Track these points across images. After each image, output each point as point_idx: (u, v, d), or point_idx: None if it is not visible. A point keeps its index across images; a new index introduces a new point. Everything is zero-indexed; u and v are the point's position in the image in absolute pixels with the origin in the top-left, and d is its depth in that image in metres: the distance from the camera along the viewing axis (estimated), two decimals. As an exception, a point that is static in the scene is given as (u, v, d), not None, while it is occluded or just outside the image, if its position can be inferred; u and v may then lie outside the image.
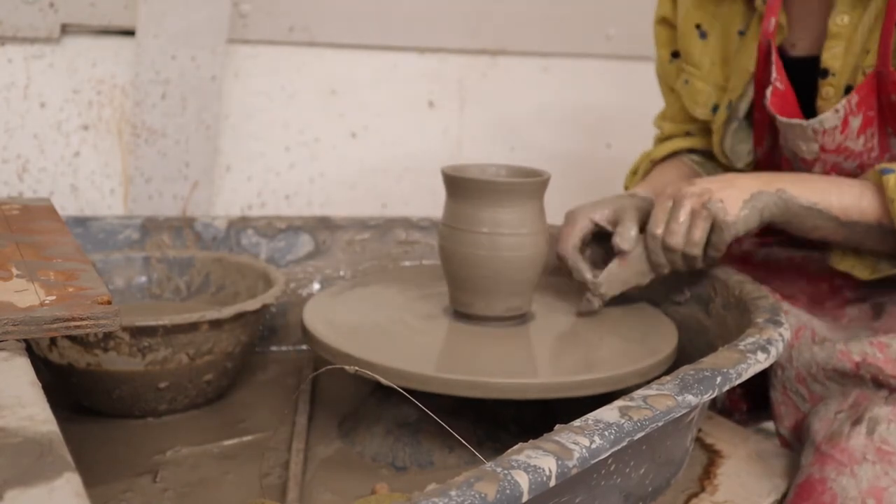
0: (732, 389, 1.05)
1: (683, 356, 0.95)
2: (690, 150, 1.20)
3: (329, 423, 0.96)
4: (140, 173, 1.36)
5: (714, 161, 1.19)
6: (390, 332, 0.93)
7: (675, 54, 1.16)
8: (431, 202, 1.60)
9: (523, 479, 0.51)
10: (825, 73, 0.97)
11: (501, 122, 1.71)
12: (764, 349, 0.75)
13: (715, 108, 1.10)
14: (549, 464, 0.53)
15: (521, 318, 0.98)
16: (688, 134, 1.20)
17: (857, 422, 0.84)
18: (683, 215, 0.93)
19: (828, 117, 0.93)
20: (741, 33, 1.06)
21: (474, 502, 0.49)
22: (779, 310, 0.86)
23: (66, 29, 1.28)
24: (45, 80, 1.29)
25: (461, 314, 0.97)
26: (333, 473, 0.85)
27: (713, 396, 0.70)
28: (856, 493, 0.80)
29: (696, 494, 0.83)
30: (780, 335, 0.79)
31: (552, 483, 0.53)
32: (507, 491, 0.50)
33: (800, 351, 0.95)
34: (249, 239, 1.19)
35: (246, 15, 1.39)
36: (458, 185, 0.93)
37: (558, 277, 1.12)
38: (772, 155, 1.07)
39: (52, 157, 1.32)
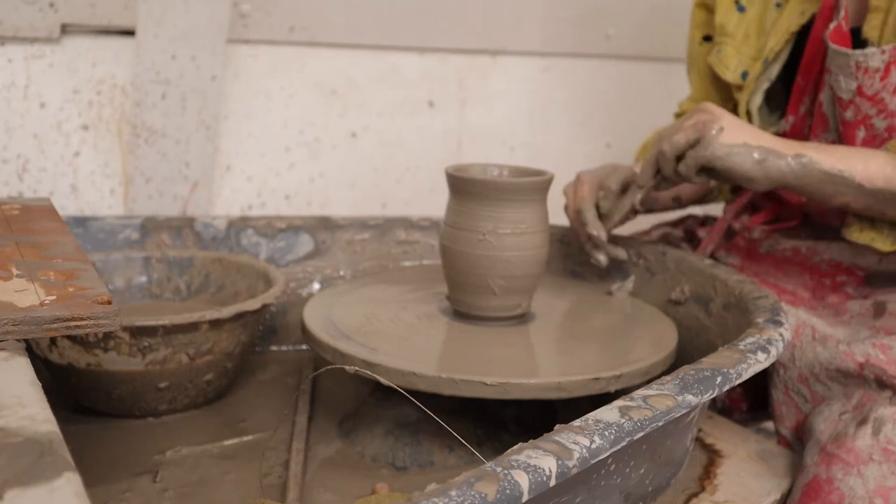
0: (732, 389, 1.05)
1: (683, 356, 0.95)
2: None
3: (329, 423, 0.96)
4: (140, 173, 1.36)
5: None
6: (390, 332, 0.93)
7: (707, 38, 1.17)
8: (431, 202, 1.60)
9: (523, 479, 0.51)
10: (864, 43, 0.97)
11: (501, 122, 1.71)
12: (764, 349, 0.75)
13: (744, 75, 1.10)
14: (549, 464, 0.53)
15: (522, 318, 0.98)
16: None
17: (862, 422, 0.84)
18: (688, 122, 0.94)
19: (873, 53, 0.92)
20: (778, 5, 1.07)
21: (474, 502, 0.49)
22: (779, 310, 0.86)
23: (66, 29, 1.28)
24: (45, 80, 1.29)
25: (461, 314, 0.97)
26: (333, 473, 0.85)
27: (713, 396, 0.70)
28: (863, 493, 0.80)
29: (696, 494, 0.83)
30: (781, 335, 0.79)
31: (552, 483, 0.53)
32: (508, 491, 0.50)
33: (802, 350, 0.95)
34: (249, 239, 1.19)
35: (246, 15, 1.39)
36: (461, 185, 0.93)
37: (558, 277, 1.12)
38: (803, 125, 1.06)
39: (52, 157, 1.32)
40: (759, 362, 0.74)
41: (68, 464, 0.46)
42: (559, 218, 1.14)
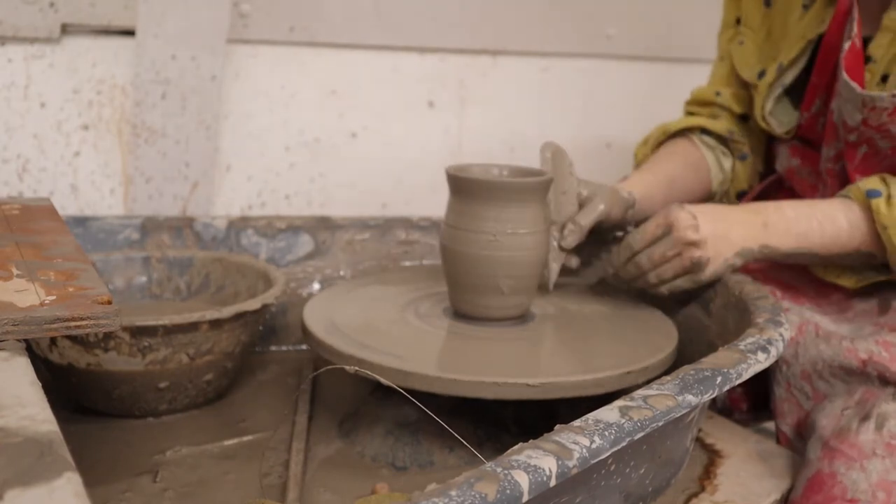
0: (732, 389, 1.05)
1: (683, 356, 0.95)
2: (704, 131, 1.19)
3: (329, 423, 0.96)
4: (140, 173, 1.36)
5: (724, 146, 1.19)
6: (390, 332, 0.93)
7: (739, 20, 1.17)
8: (431, 202, 1.59)
9: (523, 479, 0.51)
10: (868, 59, 0.98)
11: (501, 122, 1.71)
12: (764, 349, 0.75)
13: (761, 74, 1.10)
14: (549, 464, 0.53)
15: (522, 318, 0.98)
16: (716, 97, 1.19)
17: (865, 418, 0.85)
18: (670, 252, 0.96)
19: (883, 97, 0.93)
20: (805, 7, 1.06)
21: (475, 502, 0.49)
22: (779, 310, 0.86)
23: (66, 29, 1.28)
24: (45, 80, 1.29)
25: (461, 314, 0.97)
26: (333, 473, 0.85)
27: (713, 396, 0.70)
28: (866, 487, 0.80)
29: (696, 494, 0.83)
30: (781, 335, 0.79)
31: (552, 483, 0.53)
32: (508, 491, 0.50)
33: (805, 347, 0.95)
34: (249, 239, 1.18)
35: (246, 15, 1.39)
36: (462, 185, 0.93)
37: (559, 277, 1.12)
38: (816, 122, 1.06)
39: (52, 157, 1.32)
40: (760, 362, 0.74)
41: (68, 464, 0.46)
42: (559, 218, 1.14)
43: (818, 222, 0.95)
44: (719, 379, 0.70)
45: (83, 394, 0.94)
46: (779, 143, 1.15)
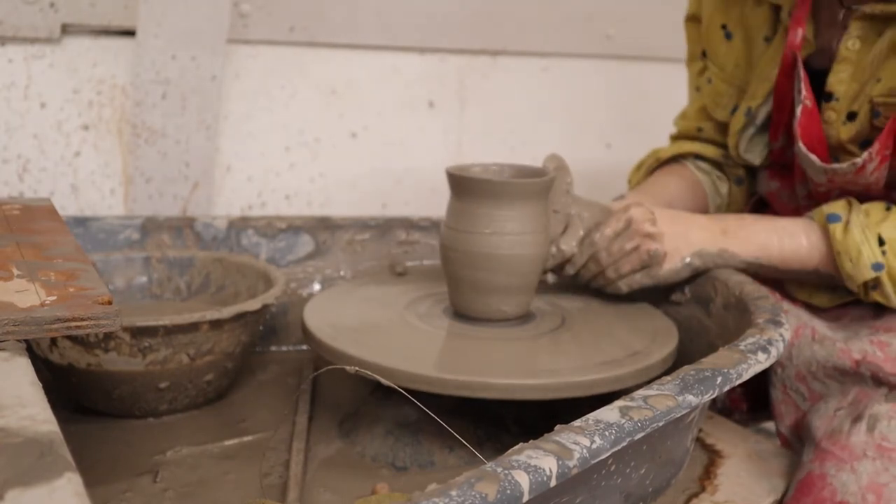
0: (732, 389, 1.05)
1: (683, 356, 0.95)
2: (697, 156, 1.20)
3: (329, 423, 0.96)
4: (140, 173, 1.36)
5: (719, 170, 1.20)
6: (390, 332, 0.93)
7: (704, 53, 1.16)
8: (431, 202, 1.60)
9: (524, 480, 0.51)
10: (829, 96, 0.97)
11: (501, 122, 1.71)
12: (764, 349, 0.75)
13: (734, 110, 1.11)
14: (549, 464, 0.53)
15: (522, 319, 0.98)
16: (699, 133, 1.20)
17: (857, 419, 0.84)
18: (629, 245, 0.97)
19: (843, 168, 0.95)
20: (767, 40, 1.06)
21: (475, 502, 0.49)
22: (779, 310, 0.86)
23: (66, 29, 1.28)
24: (45, 80, 1.29)
25: (461, 314, 0.97)
26: (333, 473, 0.85)
27: (713, 396, 0.70)
28: (856, 489, 0.80)
29: (696, 494, 0.83)
30: (781, 335, 0.79)
31: (552, 483, 0.53)
32: (508, 491, 0.50)
33: (800, 349, 0.95)
34: (249, 239, 1.18)
35: (246, 15, 1.39)
36: (462, 185, 0.93)
37: (558, 277, 1.12)
38: (785, 153, 1.07)
39: (52, 157, 1.32)
40: (760, 362, 0.74)
41: (68, 464, 0.46)
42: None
43: (778, 237, 0.98)
44: (719, 379, 0.70)
45: (83, 394, 0.94)
46: (759, 169, 1.16)
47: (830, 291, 1.01)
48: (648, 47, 1.80)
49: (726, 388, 0.71)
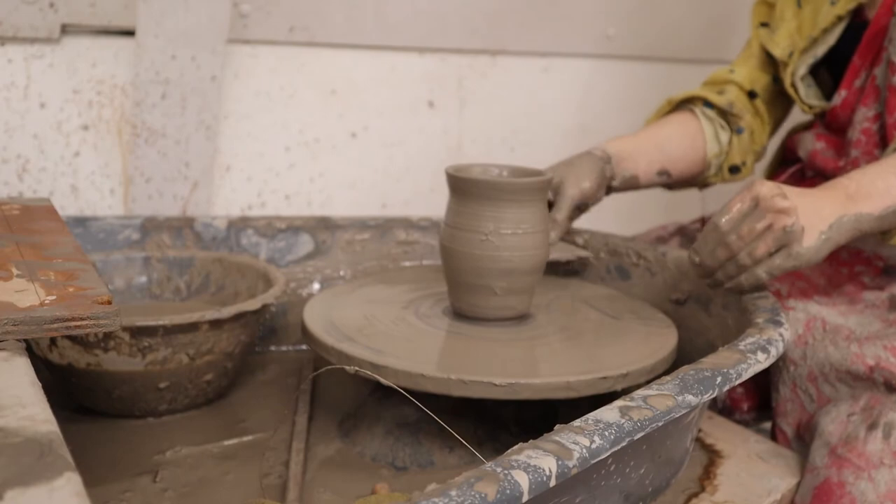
0: (733, 389, 1.05)
1: (683, 356, 0.95)
2: (706, 103, 1.20)
3: (329, 423, 0.96)
4: (140, 173, 1.36)
5: (723, 118, 1.20)
6: (390, 332, 0.93)
7: (764, 24, 1.19)
8: (431, 202, 1.60)
9: (523, 479, 0.51)
10: None
11: (501, 122, 1.71)
12: (764, 349, 0.75)
13: (791, 54, 1.12)
14: (549, 464, 0.53)
15: (521, 319, 0.98)
16: (729, 74, 1.21)
17: (872, 426, 0.84)
18: (760, 224, 0.88)
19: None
20: (832, 3, 1.09)
21: (474, 502, 0.49)
22: (779, 310, 0.86)
23: (66, 29, 1.28)
24: (45, 80, 1.29)
25: (461, 314, 0.97)
26: (333, 473, 0.85)
27: (713, 396, 0.70)
28: (874, 497, 0.80)
29: (696, 494, 0.83)
30: (781, 335, 0.79)
31: (552, 483, 0.53)
32: (508, 491, 0.50)
33: (814, 349, 0.95)
34: (249, 239, 1.18)
35: (246, 15, 1.39)
36: (462, 186, 0.93)
37: (558, 277, 1.12)
38: (854, 100, 1.07)
39: (52, 157, 1.32)
40: (759, 362, 0.74)
41: (68, 464, 0.46)
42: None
43: (893, 175, 0.91)
44: (719, 379, 0.70)
45: (83, 394, 0.94)
46: (801, 132, 1.16)
47: None
48: (648, 47, 1.80)
49: (726, 388, 0.71)
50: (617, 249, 1.15)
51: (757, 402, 1.07)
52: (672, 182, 1.17)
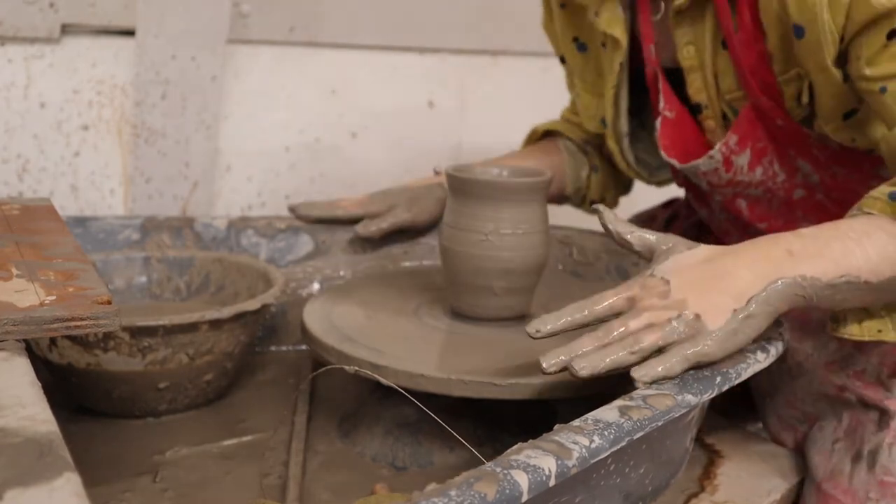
0: (732, 389, 1.05)
1: (683, 356, 0.95)
2: (569, 138, 1.21)
3: (329, 423, 0.96)
4: (140, 173, 1.36)
5: (583, 154, 1.20)
6: (390, 332, 0.93)
7: (563, 60, 1.15)
8: (431, 202, 1.59)
9: (523, 479, 0.51)
10: (698, 107, 0.96)
11: (501, 123, 1.71)
12: (764, 349, 0.75)
13: (604, 121, 1.09)
14: (548, 464, 0.53)
15: (521, 319, 0.98)
16: (570, 121, 1.22)
17: (857, 457, 0.84)
18: (635, 325, 0.69)
19: (702, 162, 0.91)
20: (604, 46, 1.04)
21: (474, 502, 0.49)
22: (779, 310, 0.86)
23: (66, 29, 1.28)
24: (45, 80, 1.29)
25: (461, 314, 0.97)
26: (333, 473, 0.85)
27: (713, 396, 0.70)
28: None
29: (696, 494, 0.83)
30: (780, 335, 0.79)
31: (552, 483, 0.53)
32: (507, 491, 0.50)
33: (780, 378, 0.95)
34: (249, 239, 1.18)
35: (246, 15, 1.39)
36: (462, 186, 0.93)
37: (558, 277, 1.12)
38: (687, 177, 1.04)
39: (52, 157, 1.32)
40: (759, 362, 0.74)
41: (68, 464, 0.46)
42: (559, 218, 1.14)
43: (853, 240, 0.72)
44: (719, 379, 0.70)
45: (83, 394, 0.94)
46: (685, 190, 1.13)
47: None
48: (648, 47, 1.79)
49: (725, 388, 0.71)
50: (617, 249, 1.15)
51: (756, 402, 1.07)
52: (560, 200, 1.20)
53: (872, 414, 0.86)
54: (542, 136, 1.24)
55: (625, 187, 1.25)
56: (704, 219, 1.12)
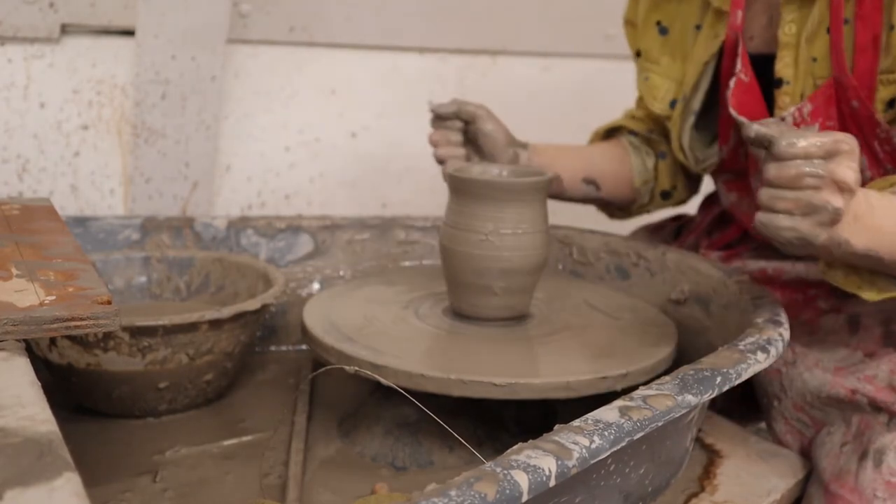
0: (732, 389, 1.05)
1: (683, 356, 0.95)
2: (630, 131, 1.21)
3: (329, 423, 0.96)
4: (140, 173, 1.36)
5: (648, 145, 1.20)
6: (390, 332, 0.93)
7: (639, 53, 1.16)
8: (431, 202, 1.60)
9: (523, 479, 0.51)
10: (779, 82, 0.96)
11: (501, 122, 1.71)
12: (764, 349, 0.75)
13: (673, 103, 1.10)
14: (548, 464, 0.53)
15: (521, 318, 0.98)
16: (633, 117, 1.22)
17: (863, 456, 0.84)
18: (809, 179, 0.72)
19: (773, 121, 0.89)
20: (697, 28, 1.06)
21: (474, 502, 0.49)
22: (779, 309, 0.86)
23: (66, 29, 1.28)
24: (45, 80, 1.29)
25: (461, 314, 0.97)
26: (333, 473, 0.85)
27: (713, 396, 0.70)
28: None
29: (696, 494, 0.83)
30: (780, 335, 0.79)
31: (552, 483, 0.53)
32: (507, 491, 0.50)
33: (791, 380, 0.95)
34: (249, 239, 1.18)
35: (246, 15, 1.39)
36: (462, 186, 0.93)
37: (558, 277, 1.12)
38: (737, 154, 1.05)
39: (52, 157, 1.32)
40: (759, 362, 0.74)
41: (68, 464, 0.46)
42: (559, 218, 1.14)
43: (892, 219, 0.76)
44: (719, 379, 0.70)
45: (83, 394, 0.94)
46: (716, 179, 1.14)
47: (884, 281, 0.82)
48: (648, 47, 1.79)
49: (725, 388, 0.71)
50: (617, 249, 1.15)
51: (756, 403, 1.07)
52: (603, 196, 1.18)
53: (882, 417, 0.86)
54: (604, 137, 1.24)
55: (694, 182, 1.23)
56: (731, 204, 1.12)
